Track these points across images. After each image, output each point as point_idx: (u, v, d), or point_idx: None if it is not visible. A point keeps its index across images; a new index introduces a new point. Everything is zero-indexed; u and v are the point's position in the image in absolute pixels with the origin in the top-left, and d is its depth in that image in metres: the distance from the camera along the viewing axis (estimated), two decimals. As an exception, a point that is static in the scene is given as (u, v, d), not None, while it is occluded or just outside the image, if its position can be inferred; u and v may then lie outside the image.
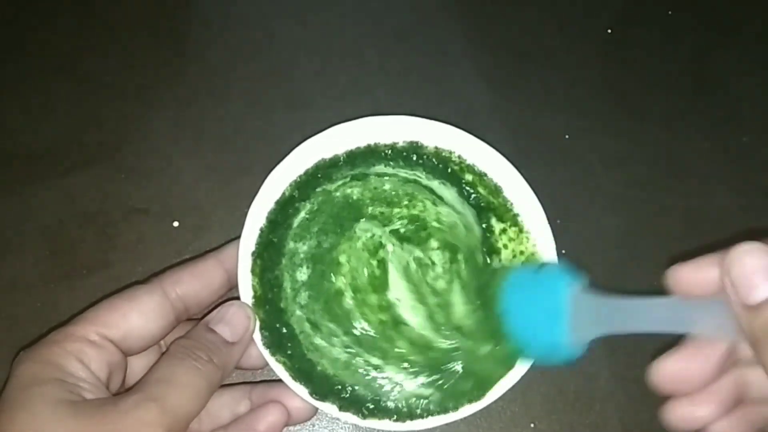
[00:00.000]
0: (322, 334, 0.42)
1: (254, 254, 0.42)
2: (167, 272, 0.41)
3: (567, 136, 0.54)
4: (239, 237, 0.41)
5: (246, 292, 0.41)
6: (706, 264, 0.31)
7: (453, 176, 0.44)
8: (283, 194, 0.43)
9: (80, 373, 0.35)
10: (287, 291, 0.42)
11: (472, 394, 0.41)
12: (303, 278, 0.43)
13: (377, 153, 0.44)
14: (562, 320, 0.35)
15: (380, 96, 0.55)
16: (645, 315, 0.33)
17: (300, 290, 0.42)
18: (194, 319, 0.41)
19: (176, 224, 0.51)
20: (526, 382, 0.40)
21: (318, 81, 0.55)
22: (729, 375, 0.33)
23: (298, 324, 0.42)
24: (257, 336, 0.40)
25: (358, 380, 0.41)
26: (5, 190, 0.51)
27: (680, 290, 0.32)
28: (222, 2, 0.57)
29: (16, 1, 0.56)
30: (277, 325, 0.41)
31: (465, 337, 0.42)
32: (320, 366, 0.41)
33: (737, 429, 0.33)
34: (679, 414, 0.33)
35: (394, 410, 0.40)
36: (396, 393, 0.41)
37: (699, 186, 0.53)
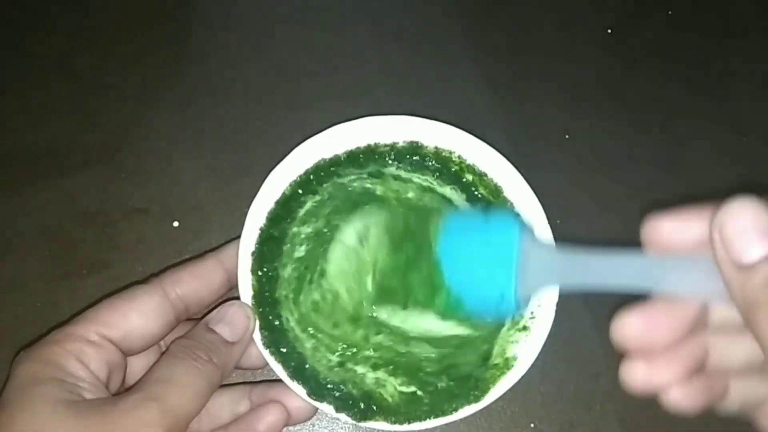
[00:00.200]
0: (312, 327, 0.42)
1: (254, 254, 0.42)
2: (167, 272, 0.41)
3: (567, 136, 0.54)
4: (239, 237, 0.41)
5: (246, 292, 0.41)
6: (689, 217, 0.29)
7: (462, 183, 0.44)
8: (283, 194, 0.43)
9: (80, 373, 0.35)
10: (282, 279, 0.42)
11: (471, 395, 0.41)
12: (300, 255, 0.43)
13: (378, 153, 0.44)
14: (511, 271, 0.33)
15: (380, 96, 0.55)
16: (612, 269, 0.31)
17: (291, 268, 0.42)
18: (194, 319, 0.41)
19: (176, 224, 0.51)
20: (526, 382, 0.40)
21: (318, 81, 0.55)
22: (694, 339, 0.31)
23: (287, 314, 0.42)
24: (257, 336, 0.40)
25: (352, 380, 0.41)
26: (5, 190, 0.51)
27: (657, 244, 0.29)
28: (222, 2, 0.57)
29: (17, 1, 0.56)
30: (272, 319, 0.41)
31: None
32: (311, 364, 0.41)
33: (692, 397, 0.31)
34: (637, 375, 0.31)
35: (394, 411, 0.40)
36: (392, 394, 0.41)
37: (699, 186, 0.53)
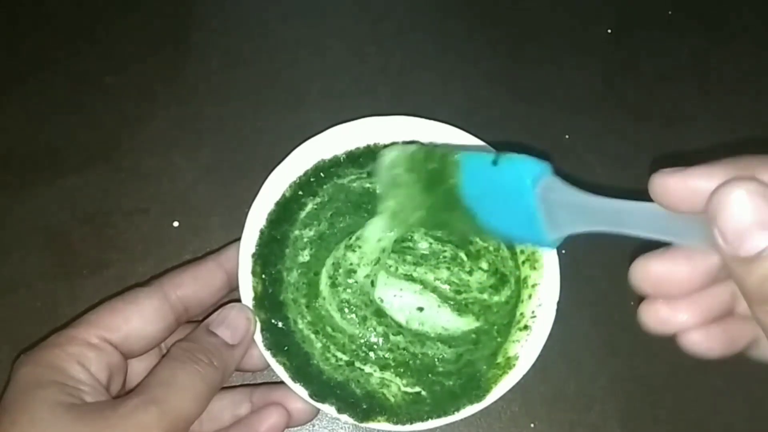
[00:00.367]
0: (318, 329, 0.42)
1: (254, 256, 0.42)
2: (167, 274, 0.41)
3: (567, 136, 0.54)
4: (239, 238, 0.41)
5: (246, 294, 0.41)
6: (695, 177, 0.27)
7: None
8: (283, 195, 0.43)
9: (80, 376, 0.35)
10: (287, 283, 0.42)
11: (473, 395, 0.41)
12: (305, 260, 0.43)
13: (378, 153, 0.44)
14: (536, 220, 0.33)
15: (380, 96, 0.55)
16: (631, 218, 0.29)
17: (298, 273, 0.43)
18: (195, 322, 0.41)
19: (176, 224, 0.51)
20: (526, 382, 0.40)
21: (318, 81, 0.55)
22: (720, 286, 0.30)
23: (295, 316, 0.42)
24: (258, 338, 0.40)
25: (356, 380, 0.41)
26: (5, 190, 0.51)
27: (664, 202, 0.28)
28: (222, 2, 0.57)
29: (17, 1, 0.56)
30: (274, 321, 0.41)
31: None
32: (317, 364, 0.41)
33: (714, 342, 0.30)
34: (656, 314, 0.30)
35: (395, 411, 0.41)
36: (396, 394, 0.41)
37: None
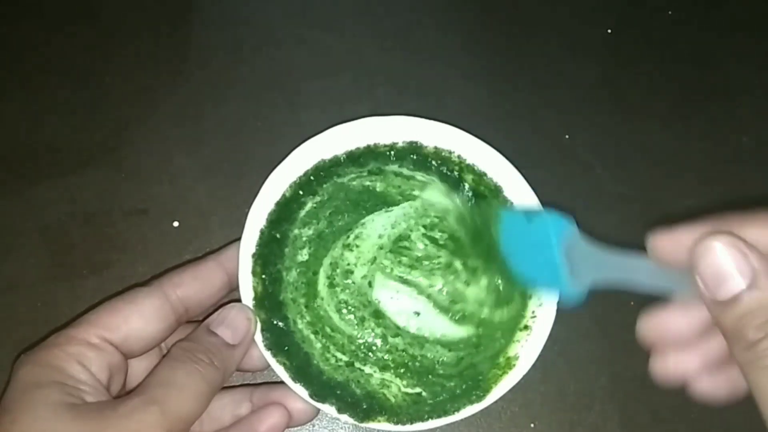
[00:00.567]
0: (318, 329, 0.42)
1: (254, 256, 0.42)
2: (167, 274, 0.41)
3: (567, 136, 0.54)
4: (239, 238, 0.41)
5: (247, 294, 0.41)
6: (682, 235, 0.30)
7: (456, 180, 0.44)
8: (283, 195, 0.43)
9: (81, 376, 0.35)
10: (286, 282, 0.42)
11: (473, 395, 0.41)
12: (303, 259, 0.43)
13: (377, 153, 0.44)
14: (560, 270, 0.36)
15: (380, 96, 0.55)
16: (640, 271, 0.33)
17: (297, 272, 0.43)
18: (195, 322, 0.41)
19: (176, 224, 0.51)
20: (526, 382, 0.41)
21: (318, 81, 0.55)
22: (720, 335, 0.32)
23: (294, 316, 0.42)
24: (258, 338, 0.40)
25: (356, 380, 0.41)
26: (5, 190, 0.51)
27: (660, 259, 0.31)
28: (222, 3, 0.57)
29: (17, 2, 0.56)
30: (274, 321, 0.41)
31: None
32: (317, 364, 0.41)
33: (720, 386, 0.33)
34: (665, 364, 0.33)
35: (395, 412, 0.41)
36: (396, 394, 0.41)
37: (699, 186, 0.53)
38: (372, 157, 0.44)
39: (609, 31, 0.58)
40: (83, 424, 0.32)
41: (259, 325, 0.40)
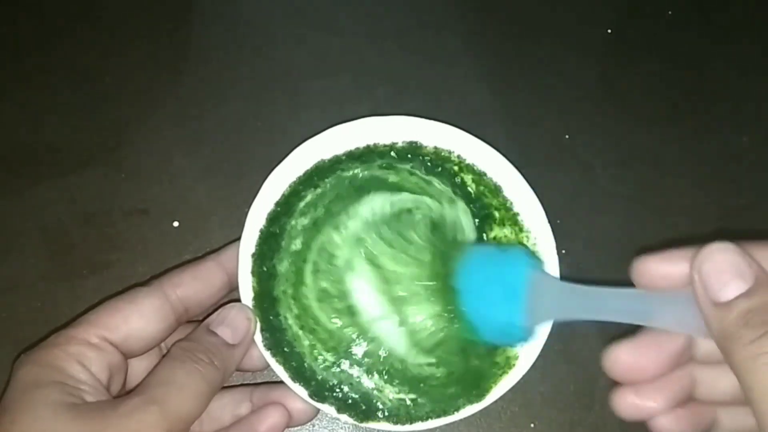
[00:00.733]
0: (304, 323, 0.42)
1: (254, 255, 0.42)
2: (167, 274, 0.41)
3: (567, 136, 0.54)
4: (239, 238, 0.41)
5: (246, 294, 0.41)
6: (673, 258, 0.31)
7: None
8: (283, 195, 0.43)
9: (81, 376, 0.35)
10: (279, 275, 0.42)
11: (473, 395, 0.41)
12: (296, 248, 0.43)
13: (377, 153, 0.44)
14: (519, 301, 0.36)
15: (380, 96, 0.54)
16: (606, 304, 0.33)
17: (288, 262, 0.42)
18: (195, 321, 0.41)
19: (176, 224, 0.51)
20: (526, 382, 0.41)
21: (318, 81, 0.55)
22: (682, 370, 0.34)
23: (285, 312, 0.42)
24: (258, 337, 0.40)
25: (349, 383, 0.41)
26: (5, 190, 0.51)
27: (644, 282, 0.32)
28: (222, 3, 0.57)
29: (17, 2, 0.56)
30: (271, 318, 0.41)
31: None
32: (309, 365, 0.41)
33: (681, 426, 0.33)
34: (626, 402, 0.34)
35: (395, 412, 0.40)
36: (390, 399, 0.41)
37: (698, 186, 0.53)
38: (378, 155, 0.44)
39: (609, 31, 0.58)
40: (83, 424, 0.32)
41: (259, 325, 0.40)
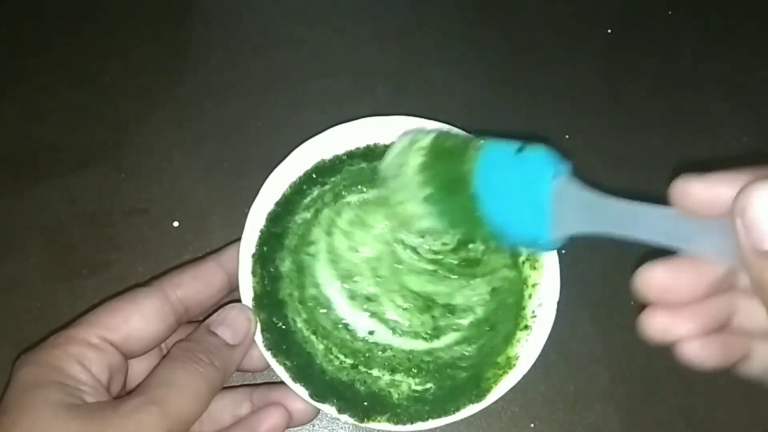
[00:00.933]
0: (316, 329, 0.42)
1: (254, 256, 0.42)
2: (167, 275, 0.41)
3: (567, 136, 0.54)
4: (239, 238, 0.41)
5: (247, 294, 0.41)
6: (718, 182, 0.28)
7: None
8: (283, 195, 0.43)
9: (81, 376, 0.35)
10: (283, 276, 0.42)
11: (473, 395, 0.41)
12: (295, 243, 0.43)
13: (377, 154, 0.44)
14: (545, 213, 0.33)
15: (380, 96, 0.55)
16: (641, 221, 0.30)
17: (290, 261, 0.43)
18: (195, 322, 0.41)
19: (176, 224, 0.51)
20: (526, 382, 0.40)
21: (318, 81, 0.55)
22: (719, 298, 0.31)
23: (293, 315, 0.42)
24: (258, 338, 0.40)
25: (357, 379, 0.41)
26: (5, 190, 0.51)
27: (685, 206, 0.29)
28: (222, 3, 0.57)
29: (17, 2, 0.56)
30: (275, 321, 0.41)
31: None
32: (320, 364, 0.41)
33: (710, 353, 0.31)
34: (657, 323, 0.31)
35: (395, 412, 0.40)
36: (393, 392, 0.41)
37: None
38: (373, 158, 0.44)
39: (609, 31, 0.58)
40: (83, 425, 0.32)
41: (259, 326, 0.40)
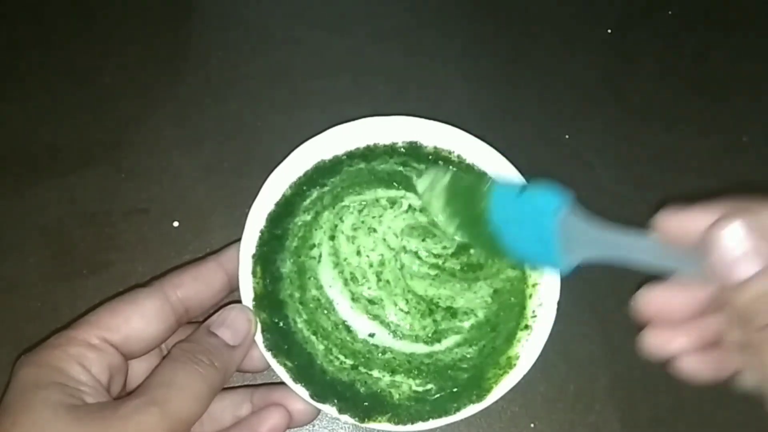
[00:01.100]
0: (316, 329, 0.42)
1: (254, 256, 0.42)
2: (168, 275, 0.41)
3: (567, 136, 0.54)
4: (239, 239, 0.41)
5: (247, 295, 0.41)
6: (692, 216, 0.30)
7: None
8: (283, 196, 0.43)
9: (81, 377, 0.35)
10: (284, 277, 0.42)
11: (473, 395, 0.41)
12: (296, 245, 0.43)
13: (377, 154, 0.44)
14: (554, 244, 0.36)
15: (380, 96, 0.54)
16: (637, 250, 0.33)
17: (290, 262, 0.43)
18: (195, 323, 0.41)
19: (176, 224, 0.51)
20: (526, 382, 0.41)
21: (318, 81, 0.55)
22: (714, 316, 0.33)
23: (294, 315, 0.42)
24: (259, 338, 0.40)
25: (358, 380, 0.41)
26: (5, 190, 0.51)
27: (666, 238, 0.31)
28: (222, 2, 0.57)
29: (17, 2, 0.56)
30: (276, 321, 0.41)
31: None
32: (321, 365, 0.41)
33: (705, 367, 0.33)
34: (654, 340, 0.33)
35: (395, 412, 0.41)
36: (393, 392, 0.41)
37: (699, 186, 0.53)
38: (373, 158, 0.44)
39: (609, 31, 0.58)
40: (83, 425, 0.32)
41: (260, 326, 0.40)
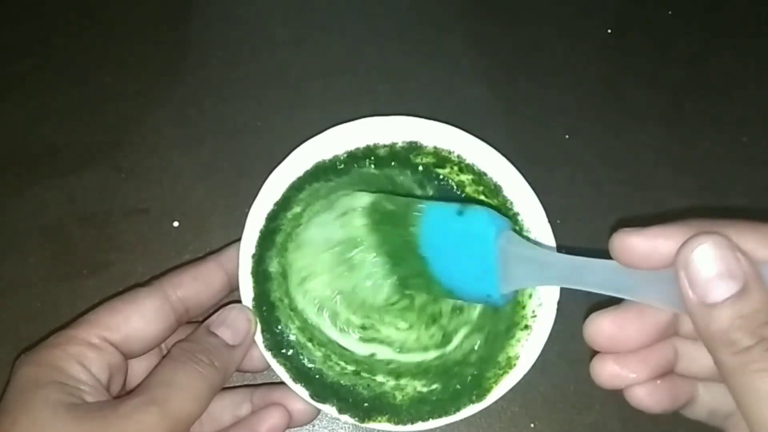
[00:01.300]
0: (312, 336, 0.42)
1: (254, 256, 0.42)
2: (168, 275, 0.41)
3: (567, 136, 0.54)
4: (239, 238, 0.41)
5: (246, 295, 0.41)
6: (656, 236, 0.29)
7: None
8: (283, 196, 0.43)
9: (81, 376, 0.35)
10: (272, 278, 0.42)
11: (473, 395, 0.41)
12: (281, 240, 0.43)
13: (377, 154, 0.44)
14: (493, 271, 0.35)
15: (380, 96, 0.54)
16: (585, 275, 0.32)
17: (276, 261, 0.43)
18: (195, 322, 0.41)
19: (176, 224, 0.51)
20: (526, 382, 0.40)
21: (318, 81, 0.55)
22: (665, 343, 0.33)
23: (286, 320, 0.42)
24: (259, 338, 0.40)
25: (360, 384, 0.41)
26: (5, 190, 0.51)
27: (623, 260, 0.30)
28: (222, 2, 0.57)
29: (17, 2, 0.56)
30: (271, 322, 0.41)
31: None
32: (319, 369, 0.41)
33: (657, 397, 0.33)
34: (606, 370, 0.33)
35: (395, 412, 0.40)
36: (397, 394, 0.41)
37: (699, 186, 0.53)
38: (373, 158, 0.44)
39: (609, 31, 0.58)
40: (83, 425, 0.32)
41: (260, 326, 0.40)
